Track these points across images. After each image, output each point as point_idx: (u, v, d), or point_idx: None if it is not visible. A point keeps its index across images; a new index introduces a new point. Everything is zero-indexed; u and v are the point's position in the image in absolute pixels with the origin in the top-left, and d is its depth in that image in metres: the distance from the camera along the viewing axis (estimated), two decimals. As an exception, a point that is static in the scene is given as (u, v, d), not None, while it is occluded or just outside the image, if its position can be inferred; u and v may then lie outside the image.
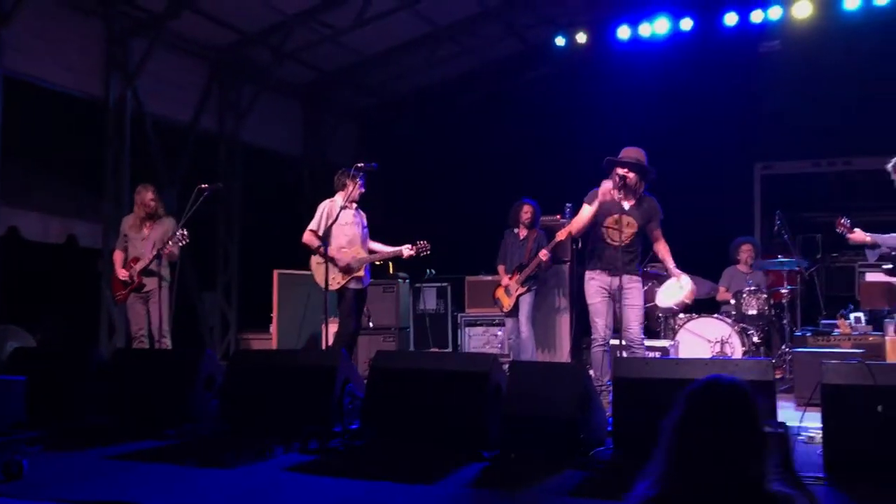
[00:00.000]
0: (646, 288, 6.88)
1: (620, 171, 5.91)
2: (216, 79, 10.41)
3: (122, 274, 7.13)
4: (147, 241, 7.18)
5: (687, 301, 6.50)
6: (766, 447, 1.87)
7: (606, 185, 5.99)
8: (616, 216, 5.99)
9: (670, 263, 6.35)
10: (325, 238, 6.58)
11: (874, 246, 6.09)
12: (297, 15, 9.79)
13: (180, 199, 8.49)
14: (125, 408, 5.68)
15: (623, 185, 5.95)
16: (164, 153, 9.63)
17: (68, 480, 4.18)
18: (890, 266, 6.35)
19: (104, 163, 8.84)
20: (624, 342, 6.02)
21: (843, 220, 6.15)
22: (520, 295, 7.71)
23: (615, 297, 6.04)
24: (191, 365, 5.68)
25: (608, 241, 6.00)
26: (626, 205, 6.05)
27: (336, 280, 6.80)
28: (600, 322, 5.98)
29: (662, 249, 6.32)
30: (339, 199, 6.87)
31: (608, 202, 5.96)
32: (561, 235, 7.40)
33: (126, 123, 8.97)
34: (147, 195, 7.24)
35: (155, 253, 6.99)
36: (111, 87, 8.85)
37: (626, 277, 5.96)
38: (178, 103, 9.98)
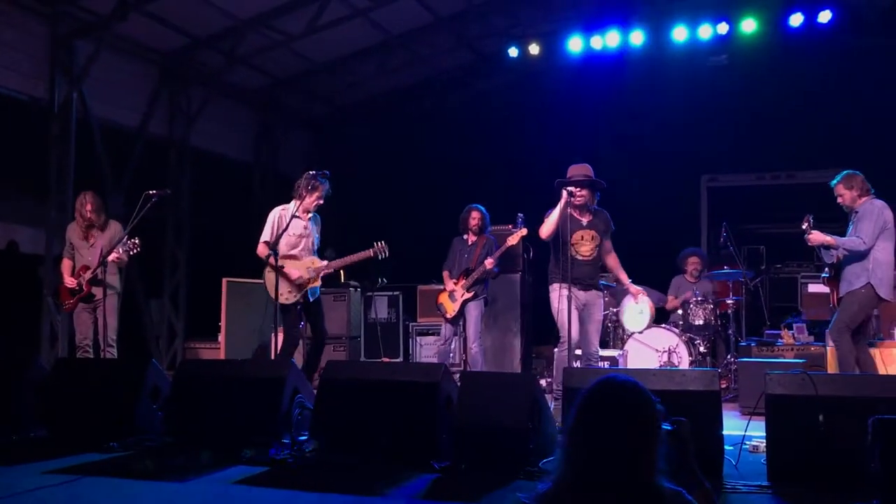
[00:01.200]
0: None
1: (572, 189, 6.00)
2: (166, 83, 10.25)
3: (70, 282, 6.97)
4: (94, 248, 7.03)
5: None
6: (655, 444, 1.87)
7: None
8: (580, 232, 6.16)
9: (625, 278, 6.54)
10: (275, 247, 6.46)
11: (831, 247, 6.21)
12: (250, 20, 9.69)
13: (127, 204, 8.32)
14: (67, 420, 5.51)
15: (576, 205, 6.10)
16: (112, 158, 9.43)
17: (6, 497, 4.04)
18: (828, 275, 6.49)
19: (48, 167, 8.59)
20: (583, 354, 6.18)
21: (808, 217, 6.27)
22: (466, 301, 7.49)
23: (580, 310, 6.16)
24: (136, 375, 5.55)
25: (578, 257, 6.13)
26: (585, 220, 6.21)
27: (293, 294, 6.68)
28: (571, 327, 5.91)
29: (614, 262, 6.48)
30: (291, 206, 6.73)
31: (568, 219, 6.04)
32: (512, 240, 7.40)
33: (71, 127, 8.76)
34: (86, 206, 7.04)
35: (101, 260, 6.84)
36: (56, 90, 8.64)
37: (591, 293, 6.19)
38: (126, 107, 9.79)
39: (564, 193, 5.97)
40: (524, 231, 7.43)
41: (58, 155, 8.65)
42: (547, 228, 6.11)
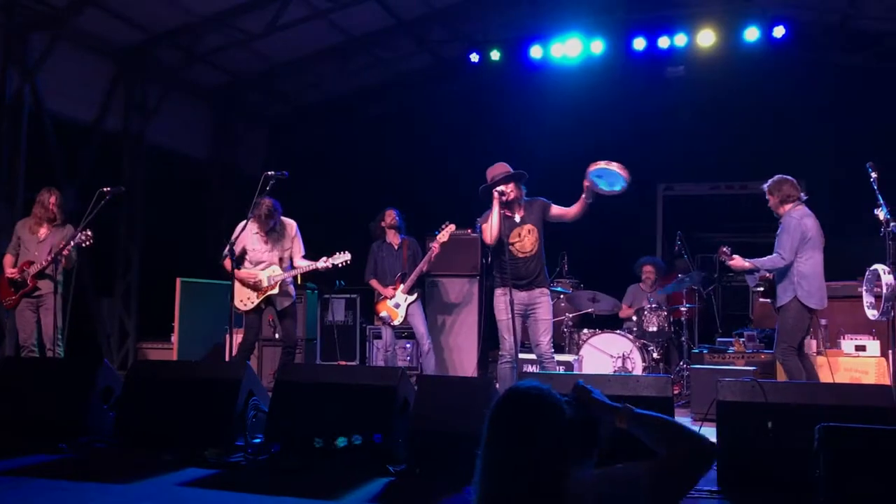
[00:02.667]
0: (553, 302, 6.99)
1: (501, 189, 5.96)
2: (122, 78, 10.07)
3: (12, 273, 6.82)
4: (43, 244, 6.90)
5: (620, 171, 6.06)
6: (565, 441, 1.90)
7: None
8: (517, 230, 6.10)
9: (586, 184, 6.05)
10: (235, 257, 6.51)
11: (753, 270, 6.32)
12: (209, 18, 9.58)
13: (80, 200, 8.15)
14: (13, 421, 5.39)
15: (507, 203, 6.04)
16: (65, 153, 9.24)
17: (-51, 498, 3.95)
18: (762, 289, 6.60)
19: (-3, 161, 8.42)
20: (535, 356, 6.12)
21: (724, 249, 6.37)
22: (409, 304, 7.65)
23: (524, 313, 6.09)
24: (86, 375, 5.45)
25: (517, 254, 6.06)
26: (518, 216, 6.15)
27: (251, 300, 6.78)
28: (508, 338, 5.96)
29: (566, 208, 6.16)
30: (250, 226, 6.77)
31: (503, 222, 6.01)
32: (442, 238, 7.43)
33: (23, 120, 8.57)
34: (50, 199, 6.99)
35: (51, 257, 6.71)
36: (8, 82, 8.44)
37: (536, 291, 6.06)
38: (80, 102, 9.61)
39: (495, 194, 5.93)
40: (452, 227, 7.47)
41: (7, 149, 8.45)
42: (490, 233, 6.00)
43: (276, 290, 6.81)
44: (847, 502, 3.43)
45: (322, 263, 6.81)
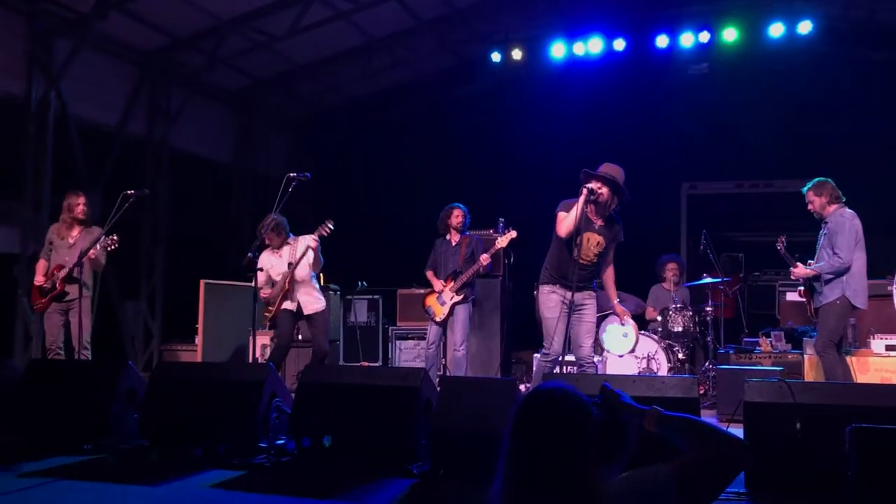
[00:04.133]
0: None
1: (594, 184, 5.57)
2: (145, 82, 10.15)
3: (40, 280, 6.88)
4: (73, 248, 6.94)
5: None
6: (589, 443, 1.88)
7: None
8: (588, 234, 5.72)
9: (614, 295, 6.14)
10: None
11: (818, 276, 6.21)
12: (231, 21, 9.63)
13: (104, 204, 8.22)
14: (40, 422, 5.43)
15: (594, 201, 5.64)
16: (89, 157, 9.32)
17: (-24, 499, 3.98)
18: (803, 286, 6.53)
19: (24, 165, 8.48)
20: (575, 358, 5.89)
21: (781, 239, 6.29)
22: (455, 304, 7.46)
23: (570, 313, 5.75)
24: (111, 377, 5.49)
25: (580, 260, 5.62)
26: (597, 223, 5.78)
27: (269, 313, 7.16)
28: (556, 337, 5.68)
29: (609, 278, 6.09)
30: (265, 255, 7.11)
31: (582, 219, 5.56)
32: (502, 242, 7.36)
33: (49, 125, 8.65)
34: (78, 202, 7.04)
35: (78, 260, 6.77)
36: (34, 87, 8.53)
37: (583, 293, 5.81)
38: (104, 106, 9.68)
39: (585, 190, 5.49)
40: (514, 234, 7.40)
41: (34, 153, 8.54)
42: (567, 225, 5.58)
43: (301, 298, 7.04)
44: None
45: (313, 241, 6.87)
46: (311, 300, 7.10)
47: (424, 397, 4.85)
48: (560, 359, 5.75)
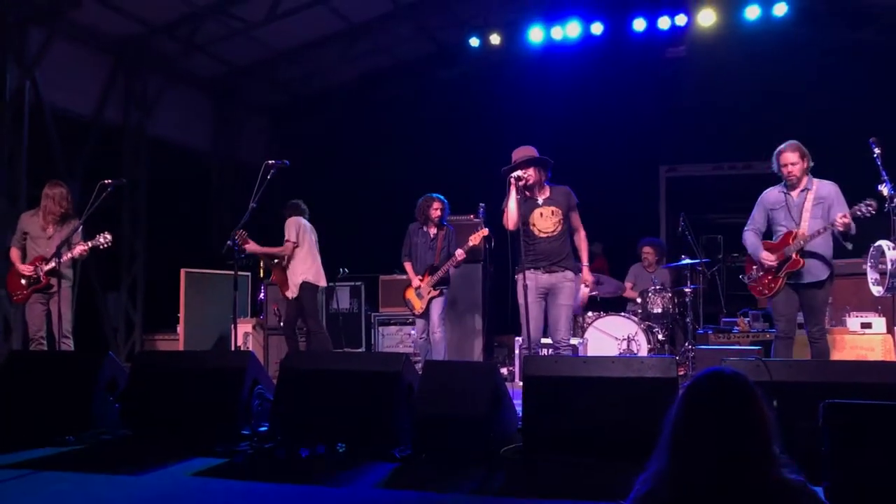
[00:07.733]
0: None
1: (518, 174, 5.77)
2: (121, 70, 10.06)
3: (27, 269, 6.80)
4: (52, 241, 6.88)
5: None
6: (773, 434, 1.84)
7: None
8: (538, 210, 5.91)
9: (584, 259, 6.15)
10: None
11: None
12: (207, 7, 9.55)
13: (82, 193, 8.16)
14: (22, 413, 5.41)
15: (527, 186, 5.87)
16: (65, 146, 9.24)
17: (-43, 491, 3.97)
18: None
19: (-1, 155, 8.42)
20: (552, 342, 5.96)
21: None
22: (432, 298, 7.52)
23: (546, 296, 5.91)
24: (91, 368, 5.46)
25: (537, 234, 5.86)
26: (540, 199, 5.96)
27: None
28: (531, 325, 5.77)
29: (578, 240, 6.13)
30: None
31: (524, 203, 5.84)
32: (474, 240, 7.34)
33: (24, 114, 8.57)
34: (60, 193, 6.97)
35: (69, 255, 6.73)
36: (8, 77, 8.43)
37: (559, 274, 5.87)
38: (80, 94, 9.60)
39: (511, 180, 5.75)
40: (485, 231, 7.40)
41: (9, 143, 8.45)
42: (510, 219, 5.81)
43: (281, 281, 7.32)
44: (852, 478, 3.42)
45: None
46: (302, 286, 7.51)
47: (406, 382, 4.87)
48: (539, 342, 5.86)
